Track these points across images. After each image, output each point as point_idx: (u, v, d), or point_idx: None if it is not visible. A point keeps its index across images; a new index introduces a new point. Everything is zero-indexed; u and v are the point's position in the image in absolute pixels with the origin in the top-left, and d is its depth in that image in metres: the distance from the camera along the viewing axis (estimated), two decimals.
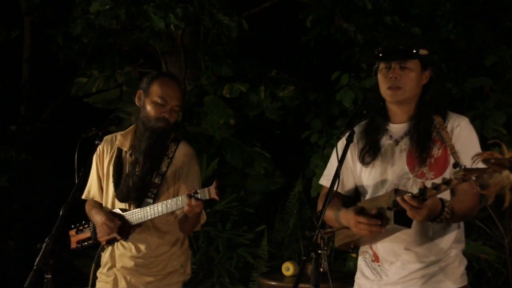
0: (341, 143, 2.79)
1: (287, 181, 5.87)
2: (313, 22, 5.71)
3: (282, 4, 6.18)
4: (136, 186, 3.18)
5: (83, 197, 3.41)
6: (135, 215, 3.17)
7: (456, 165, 2.21)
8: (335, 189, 2.55)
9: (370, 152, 2.74)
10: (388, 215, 2.48)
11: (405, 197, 2.38)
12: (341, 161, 2.59)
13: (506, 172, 2.07)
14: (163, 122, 3.17)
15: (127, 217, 3.19)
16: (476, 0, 5.73)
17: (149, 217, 3.13)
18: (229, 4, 5.62)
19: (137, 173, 3.18)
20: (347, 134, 2.67)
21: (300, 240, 5.40)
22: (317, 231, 2.43)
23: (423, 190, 2.36)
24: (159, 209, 3.08)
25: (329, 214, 2.70)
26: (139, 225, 3.20)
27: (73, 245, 3.44)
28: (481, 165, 2.12)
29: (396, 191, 2.48)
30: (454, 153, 2.59)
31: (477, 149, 2.64)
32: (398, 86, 2.66)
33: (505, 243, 5.15)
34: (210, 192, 2.92)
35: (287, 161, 6.18)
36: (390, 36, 4.20)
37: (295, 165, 5.94)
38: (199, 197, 2.94)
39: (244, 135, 5.96)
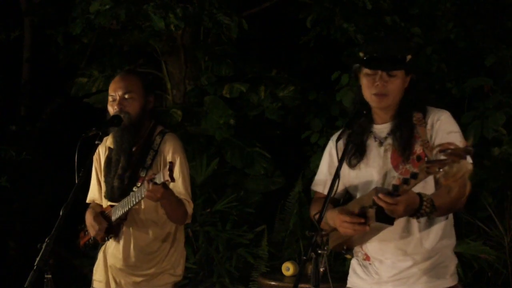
0: (329, 147, 2.83)
1: (287, 181, 5.87)
2: (313, 22, 5.71)
3: (282, 4, 6.18)
4: (118, 185, 3.19)
5: (87, 201, 3.43)
6: (117, 209, 3.19)
7: (419, 158, 2.23)
8: (333, 190, 2.55)
9: (356, 154, 2.76)
10: (370, 213, 2.51)
11: (380, 195, 2.41)
12: (341, 160, 2.60)
13: (464, 162, 2.11)
14: (119, 115, 3.17)
15: (112, 213, 3.21)
16: (476, 0, 5.73)
17: (126, 209, 3.13)
18: (229, 4, 5.62)
19: (118, 172, 3.20)
20: (346, 135, 2.69)
21: (300, 240, 5.40)
22: (317, 231, 2.44)
23: (396, 186, 2.38)
24: (132, 199, 3.09)
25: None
26: (123, 219, 3.20)
27: (81, 246, 3.48)
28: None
29: (377, 189, 2.50)
30: (426, 147, 2.61)
31: (458, 141, 2.65)
32: (384, 93, 2.68)
33: (505, 243, 5.15)
34: (164, 175, 2.88)
35: (287, 161, 6.18)
36: (374, 40, 4.17)
37: (295, 165, 5.94)
38: (156, 181, 2.92)
39: (244, 135, 5.96)
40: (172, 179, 2.87)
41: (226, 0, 5.59)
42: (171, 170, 2.85)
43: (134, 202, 3.07)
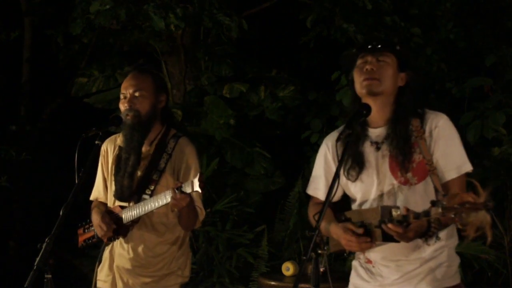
0: (324, 150, 2.83)
1: (287, 181, 5.87)
2: (313, 22, 5.72)
3: (282, 4, 6.19)
4: (128, 184, 3.18)
5: (91, 198, 3.42)
6: (130, 211, 3.17)
7: (434, 203, 2.21)
8: (333, 192, 2.54)
9: (354, 165, 2.71)
10: (377, 233, 2.51)
11: (390, 226, 2.40)
12: (340, 161, 2.59)
13: (482, 212, 2.11)
14: (129, 113, 3.16)
15: (124, 214, 3.20)
16: (476, 0, 5.73)
17: (142, 213, 3.12)
18: (229, 4, 5.62)
19: (127, 171, 3.19)
20: (346, 135, 2.67)
21: (300, 240, 5.41)
22: (317, 231, 2.43)
23: (405, 216, 2.37)
24: (151, 204, 3.08)
25: (322, 224, 2.68)
26: (136, 221, 3.19)
27: (80, 244, 3.45)
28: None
29: (382, 208, 2.49)
30: (433, 171, 2.58)
31: (458, 149, 2.63)
32: (374, 77, 2.63)
33: (505, 243, 5.15)
34: (194, 184, 2.88)
35: (287, 161, 6.19)
36: (371, 35, 4.17)
37: (295, 165, 5.94)
38: (183, 190, 2.92)
39: (244, 135, 5.96)
40: (203, 190, 2.87)
41: (226, 0, 5.59)
42: (201, 181, 2.85)
43: (155, 207, 3.07)
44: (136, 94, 3.19)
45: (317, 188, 2.88)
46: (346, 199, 2.85)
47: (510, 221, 5.20)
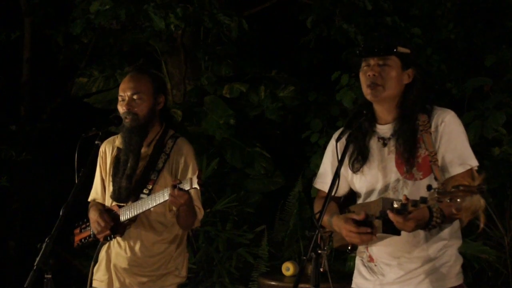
0: (332, 145, 2.82)
1: (287, 181, 5.87)
2: (313, 23, 5.72)
3: (282, 4, 6.19)
4: (126, 186, 3.19)
5: (89, 199, 3.42)
6: (128, 210, 3.18)
7: (429, 187, 2.22)
8: (333, 190, 2.55)
9: (359, 158, 2.73)
10: (377, 224, 2.51)
11: (390, 215, 2.40)
12: (341, 161, 2.60)
13: (477, 196, 2.12)
14: (128, 116, 3.17)
15: (121, 213, 3.20)
16: (476, 0, 5.73)
17: (140, 211, 3.13)
18: (229, 4, 5.63)
19: (126, 173, 3.20)
20: (346, 134, 2.68)
21: (300, 240, 5.41)
22: (317, 231, 2.44)
23: (404, 205, 2.37)
24: (149, 202, 3.09)
25: (324, 218, 2.69)
26: (133, 220, 3.20)
27: (76, 243, 3.44)
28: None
29: (384, 200, 2.50)
30: (435, 162, 2.58)
31: (464, 144, 2.64)
32: (376, 83, 2.64)
33: (505, 243, 5.15)
34: (193, 181, 2.89)
35: (287, 161, 6.19)
36: (373, 35, 4.17)
37: (295, 165, 5.94)
38: (182, 187, 2.92)
39: (244, 135, 5.96)
40: (202, 187, 2.88)
41: (226, 0, 5.59)
42: (200, 178, 2.86)
43: (153, 205, 3.07)
44: (134, 97, 3.19)
45: (324, 182, 2.89)
46: (353, 196, 2.86)
47: (510, 221, 5.20)
